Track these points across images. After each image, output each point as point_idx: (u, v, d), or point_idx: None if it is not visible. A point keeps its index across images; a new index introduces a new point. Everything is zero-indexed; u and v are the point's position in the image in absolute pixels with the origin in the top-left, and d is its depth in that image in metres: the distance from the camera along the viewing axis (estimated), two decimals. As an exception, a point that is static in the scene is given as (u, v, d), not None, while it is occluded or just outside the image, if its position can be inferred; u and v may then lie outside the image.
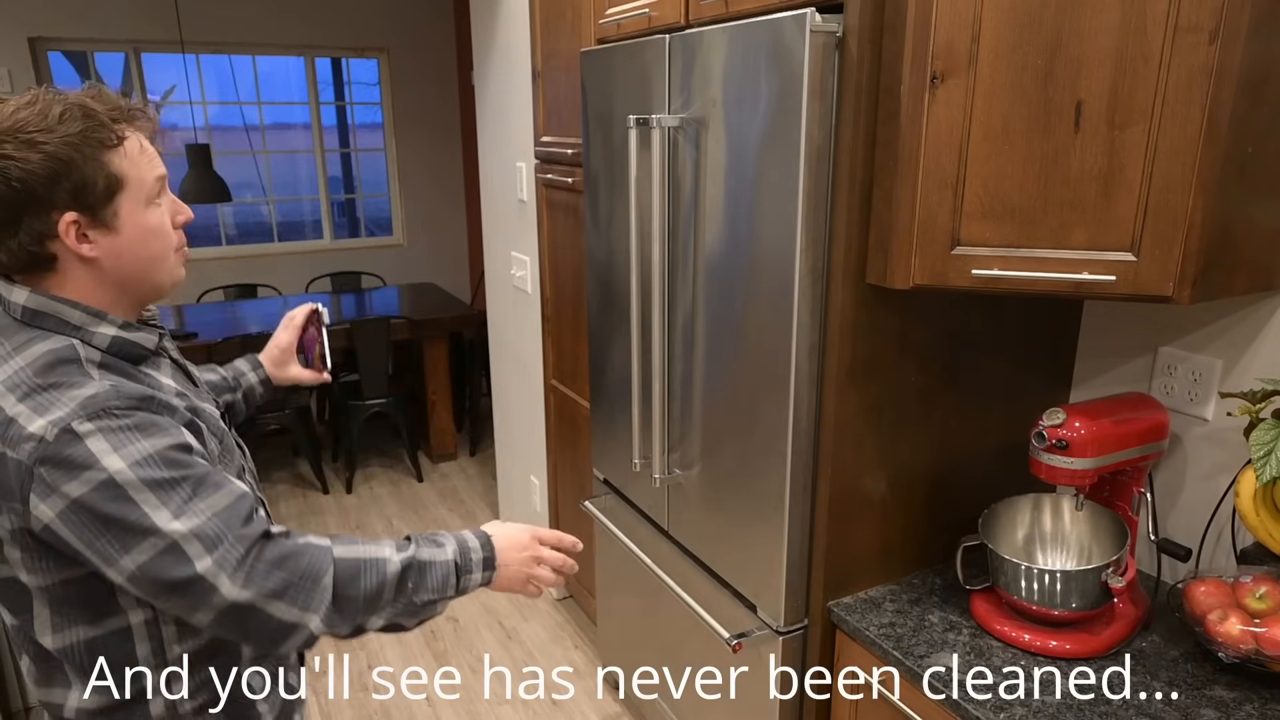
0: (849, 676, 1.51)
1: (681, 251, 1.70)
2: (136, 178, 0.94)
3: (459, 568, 1.04)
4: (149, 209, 0.96)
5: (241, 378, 1.41)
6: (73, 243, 0.92)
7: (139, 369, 0.99)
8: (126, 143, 0.93)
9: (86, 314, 0.95)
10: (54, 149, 0.88)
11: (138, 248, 0.96)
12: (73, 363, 0.91)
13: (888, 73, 1.28)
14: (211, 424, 1.05)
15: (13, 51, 4.30)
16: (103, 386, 0.89)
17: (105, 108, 0.92)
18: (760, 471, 1.55)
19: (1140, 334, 1.57)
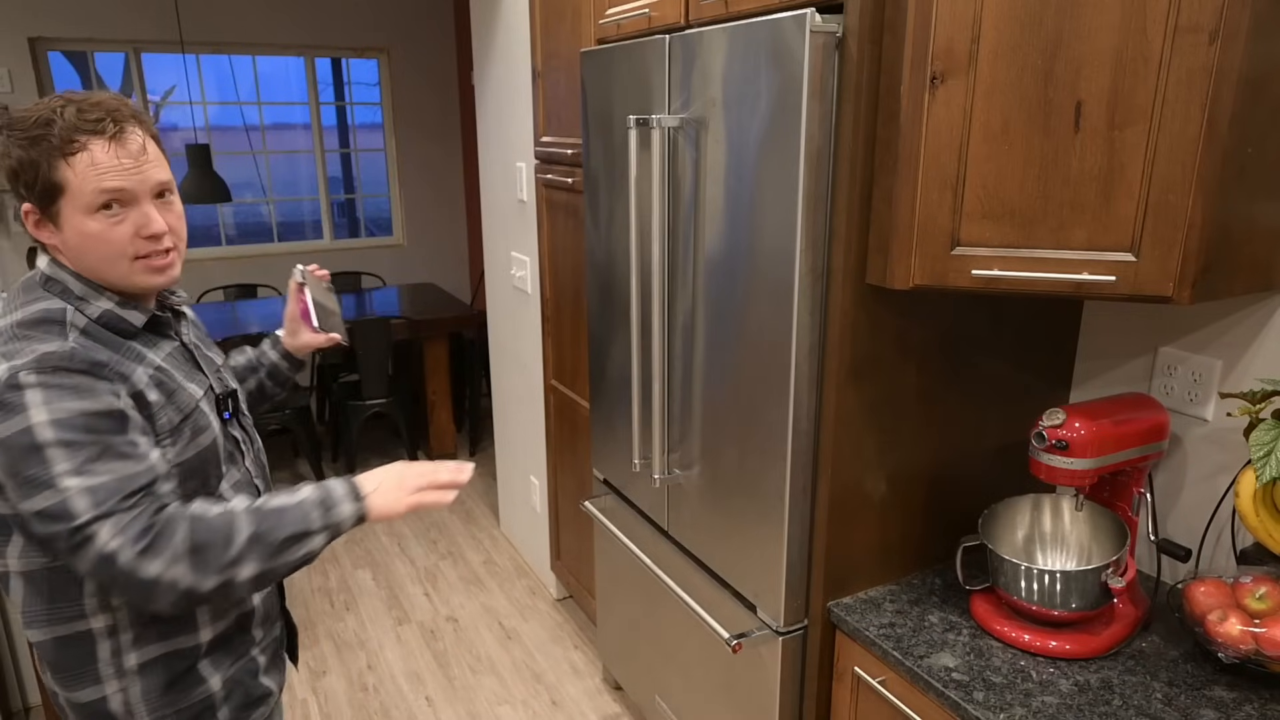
0: (849, 677, 1.51)
1: (681, 252, 1.70)
2: (77, 188, 1.01)
3: (322, 503, 1.08)
4: (88, 217, 1.03)
5: (263, 356, 1.50)
6: (31, 228, 1.06)
7: (130, 342, 1.08)
8: (80, 154, 1.01)
9: (88, 286, 1.07)
10: (21, 150, 1.01)
11: (78, 250, 1.05)
12: (56, 323, 1.02)
13: (888, 73, 1.28)
14: (183, 402, 1.11)
15: (13, 51, 4.30)
16: (64, 347, 0.99)
17: (73, 118, 1.01)
18: (760, 471, 1.55)
19: (1140, 334, 1.57)
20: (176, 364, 1.15)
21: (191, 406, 1.12)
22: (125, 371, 1.04)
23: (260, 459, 1.32)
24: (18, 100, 4.33)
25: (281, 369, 1.50)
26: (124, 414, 1.01)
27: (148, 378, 1.07)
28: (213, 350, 1.32)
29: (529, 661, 2.75)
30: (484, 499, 3.92)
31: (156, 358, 1.11)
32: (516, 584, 3.22)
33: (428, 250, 5.57)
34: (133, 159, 1.04)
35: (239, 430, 1.26)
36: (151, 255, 1.08)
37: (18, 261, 4.50)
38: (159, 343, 1.14)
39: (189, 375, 1.16)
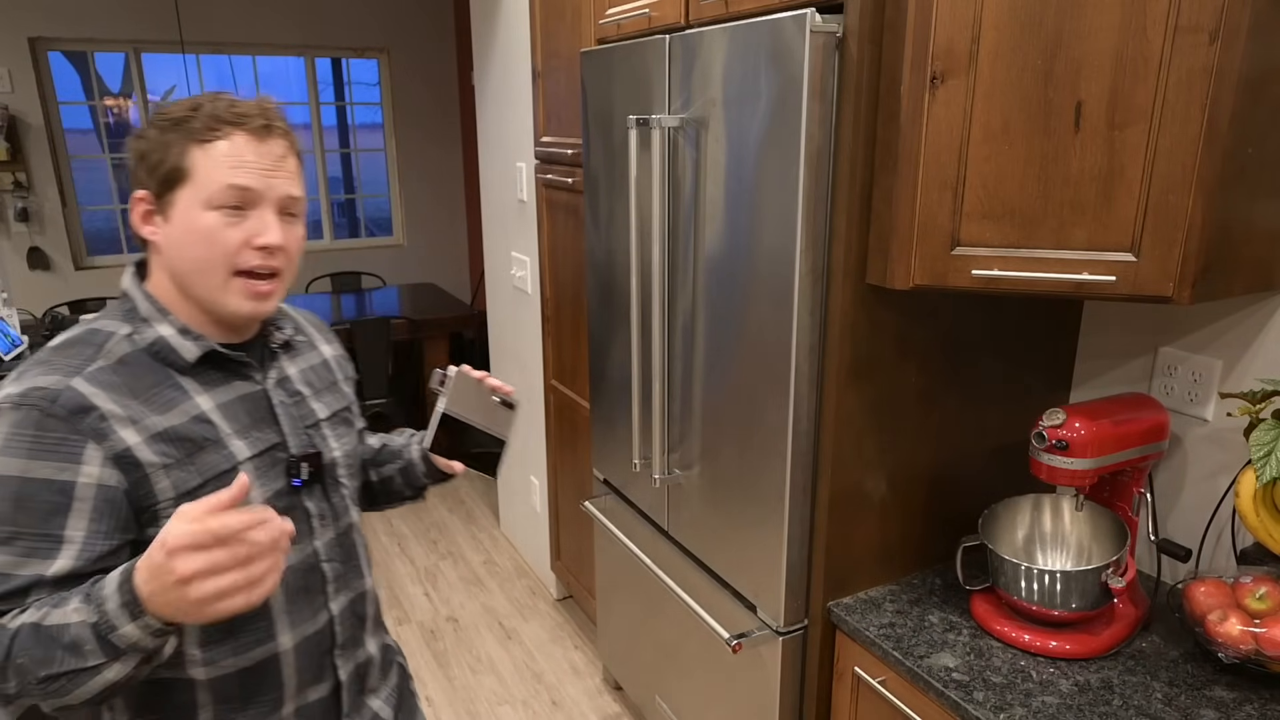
0: (849, 677, 1.51)
1: (681, 252, 1.70)
2: (204, 176, 0.92)
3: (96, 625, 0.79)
4: (205, 211, 0.92)
5: (408, 448, 1.26)
6: (137, 220, 0.96)
7: (180, 378, 0.95)
8: (219, 143, 0.92)
9: (153, 308, 0.97)
10: (157, 131, 0.94)
11: (178, 249, 0.94)
12: (91, 346, 0.93)
13: (888, 73, 1.28)
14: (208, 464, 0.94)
15: (13, 51, 4.30)
16: (58, 384, 0.88)
17: (223, 109, 0.94)
18: (760, 472, 1.55)
19: (1140, 334, 1.57)
20: (234, 414, 0.98)
21: (219, 470, 0.95)
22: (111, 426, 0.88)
23: (351, 538, 1.11)
24: (18, 100, 4.33)
25: (416, 471, 1.24)
26: (70, 489, 0.86)
27: (159, 430, 0.91)
28: (327, 397, 1.12)
29: (529, 661, 2.75)
30: (484, 499, 3.92)
31: (206, 403, 0.96)
32: (516, 584, 3.22)
33: (428, 250, 5.57)
34: (271, 162, 0.95)
35: (318, 502, 1.06)
36: (254, 275, 0.95)
37: (18, 262, 4.50)
38: (224, 384, 0.99)
39: (247, 429, 0.99)
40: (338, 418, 1.12)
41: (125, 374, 0.92)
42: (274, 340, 1.07)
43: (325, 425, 1.09)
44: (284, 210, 0.97)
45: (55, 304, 4.26)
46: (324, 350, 1.17)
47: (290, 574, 1.02)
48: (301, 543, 1.04)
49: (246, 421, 0.99)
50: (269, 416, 1.02)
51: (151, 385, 0.93)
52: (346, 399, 1.17)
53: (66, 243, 4.60)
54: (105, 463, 0.87)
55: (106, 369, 0.91)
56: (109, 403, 0.89)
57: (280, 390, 1.05)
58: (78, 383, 0.88)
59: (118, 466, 0.88)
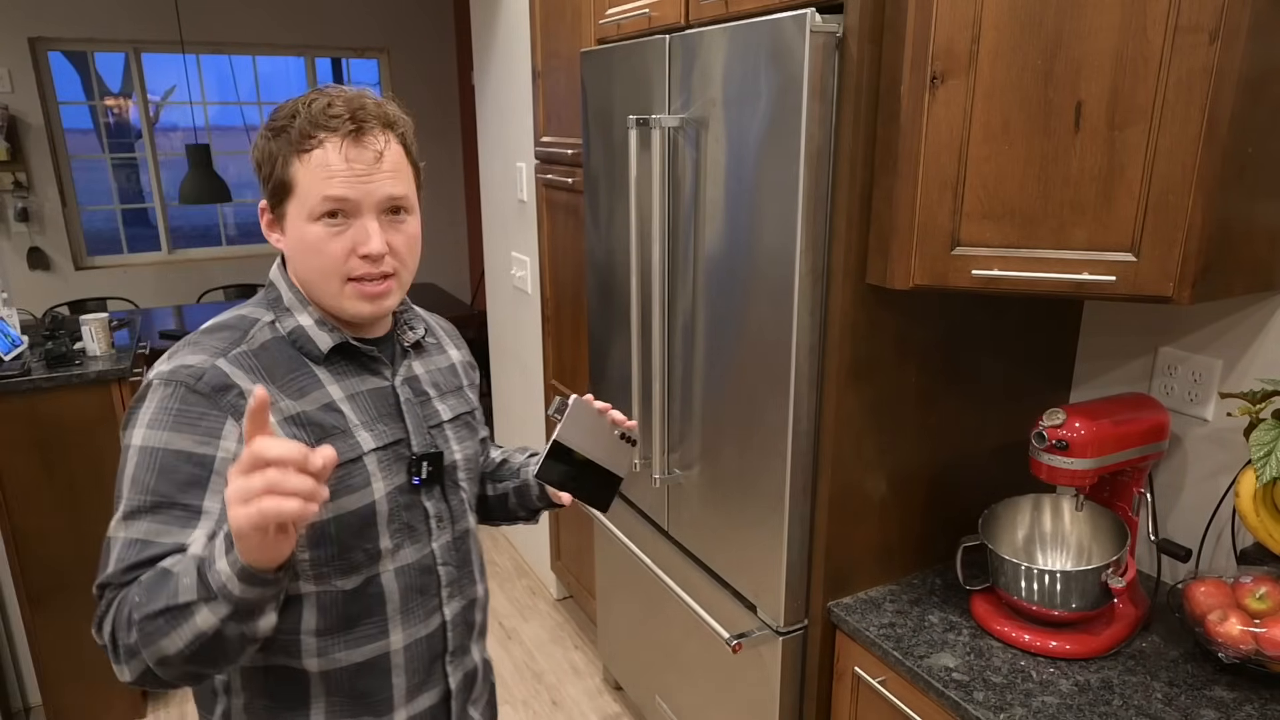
0: (849, 677, 1.51)
1: (681, 252, 1.70)
2: (305, 189, 0.93)
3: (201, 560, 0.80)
4: (310, 224, 0.93)
5: (524, 469, 1.24)
6: (265, 228, 1.00)
7: (314, 367, 0.98)
8: (314, 153, 0.92)
9: (296, 298, 1.00)
10: (265, 141, 0.95)
11: (297, 258, 0.97)
12: (238, 330, 0.97)
13: (888, 73, 1.28)
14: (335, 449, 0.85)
15: (13, 51, 4.29)
16: (205, 363, 0.92)
17: (318, 112, 0.92)
18: (760, 471, 1.55)
19: (1140, 334, 1.57)
20: (362, 405, 1.00)
21: (346, 459, 0.95)
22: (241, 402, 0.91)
23: (467, 543, 1.11)
24: (18, 100, 4.33)
25: (530, 493, 1.21)
26: (210, 463, 0.89)
27: (292, 414, 0.94)
28: (452, 400, 1.12)
29: (529, 661, 2.74)
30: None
31: (336, 392, 0.99)
32: (516, 584, 3.22)
33: (428, 250, 5.53)
34: (365, 165, 0.93)
35: (436, 503, 1.05)
36: (365, 279, 0.96)
37: (18, 262, 4.50)
38: (355, 376, 1.01)
39: (373, 422, 1.00)
40: (460, 421, 1.12)
41: (266, 358, 0.95)
42: (405, 339, 1.09)
43: (448, 427, 1.09)
44: (387, 210, 0.96)
45: (55, 304, 4.26)
46: (452, 354, 1.19)
47: (406, 573, 1.02)
48: (419, 543, 1.03)
49: (373, 414, 1.01)
50: (395, 412, 1.03)
51: (288, 371, 0.96)
52: (470, 404, 1.16)
53: (66, 243, 4.60)
54: (242, 439, 0.88)
55: (249, 353, 0.95)
56: (249, 382, 0.93)
57: (407, 388, 1.06)
58: (222, 363, 0.92)
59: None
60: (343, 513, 0.96)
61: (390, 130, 0.96)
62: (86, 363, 2.60)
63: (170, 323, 4.00)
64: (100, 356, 2.70)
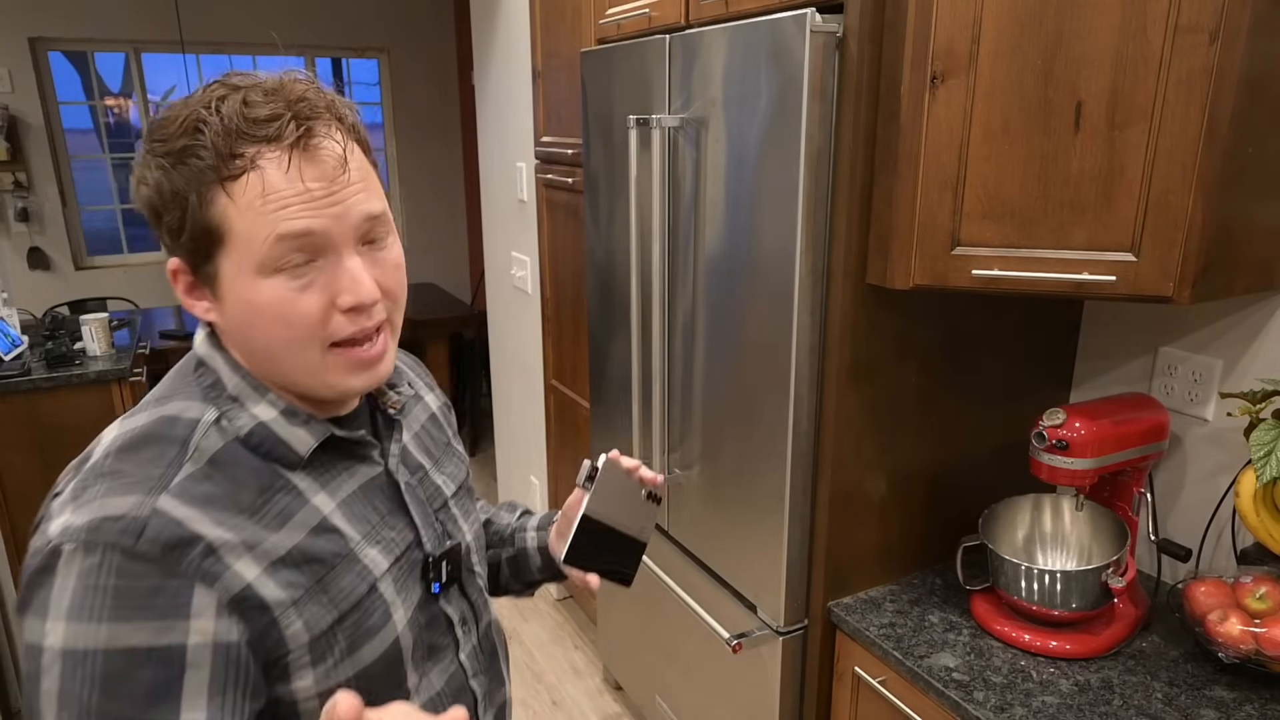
0: (849, 677, 1.51)
1: (681, 252, 1.70)
2: (245, 233, 0.65)
3: None
4: (261, 280, 0.66)
5: (521, 532, 1.05)
6: (183, 295, 0.71)
7: (289, 476, 0.72)
8: (247, 178, 0.64)
9: (245, 383, 0.72)
10: (160, 173, 0.66)
11: (246, 333, 0.69)
12: (173, 445, 0.68)
13: (888, 73, 1.28)
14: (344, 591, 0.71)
15: (13, 51, 4.29)
16: (140, 509, 0.63)
17: (235, 118, 0.64)
18: (760, 472, 1.55)
19: (1140, 334, 1.57)
20: (360, 512, 0.75)
21: (358, 595, 0.72)
22: (222, 559, 0.64)
23: (492, 638, 0.92)
24: (18, 100, 4.33)
25: (529, 564, 1.03)
26: (180, 656, 0.62)
27: (281, 554, 0.68)
28: (448, 467, 0.89)
29: (529, 662, 2.75)
30: (484, 499, 3.92)
31: (326, 504, 0.73)
32: (517, 584, 3.22)
33: (428, 250, 5.57)
34: (326, 181, 0.66)
35: (457, 604, 0.85)
36: (354, 342, 0.70)
37: (18, 262, 4.50)
38: (343, 473, 0.76)
39: (377, 530, 0.76)
40: (462, 490, 0.91)
41: (224, 480, 0.68)
42: (390, 404, 0.83)
43: (453, 503, 0.87)
44: (365, 238, 0.70)
45: (55, 304, 4.26)
46: (429, 400, 0.94)
47: (436, 704, 0.81)
48: (446, 660, 0.83)
49: (375, 520, 0.77)
50: (398, 506, 0.80)
51: (258, 491, 0.69)
52: (464, 462, 0.94)
53: (66, 243, 4.60)
54: (221, 611, 0.64)
55: (198, 476, 0.67)
56: (213, 527, 0.65)
57: (404, 469, 0.82)
58: (165, 502, 0.64)
59: (237, 613, 0.65)
60: (363, 666, 0.72)
61: (339, 123, 0.69)
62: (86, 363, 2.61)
63: (170, 323, 4.00)
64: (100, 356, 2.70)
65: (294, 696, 0.69)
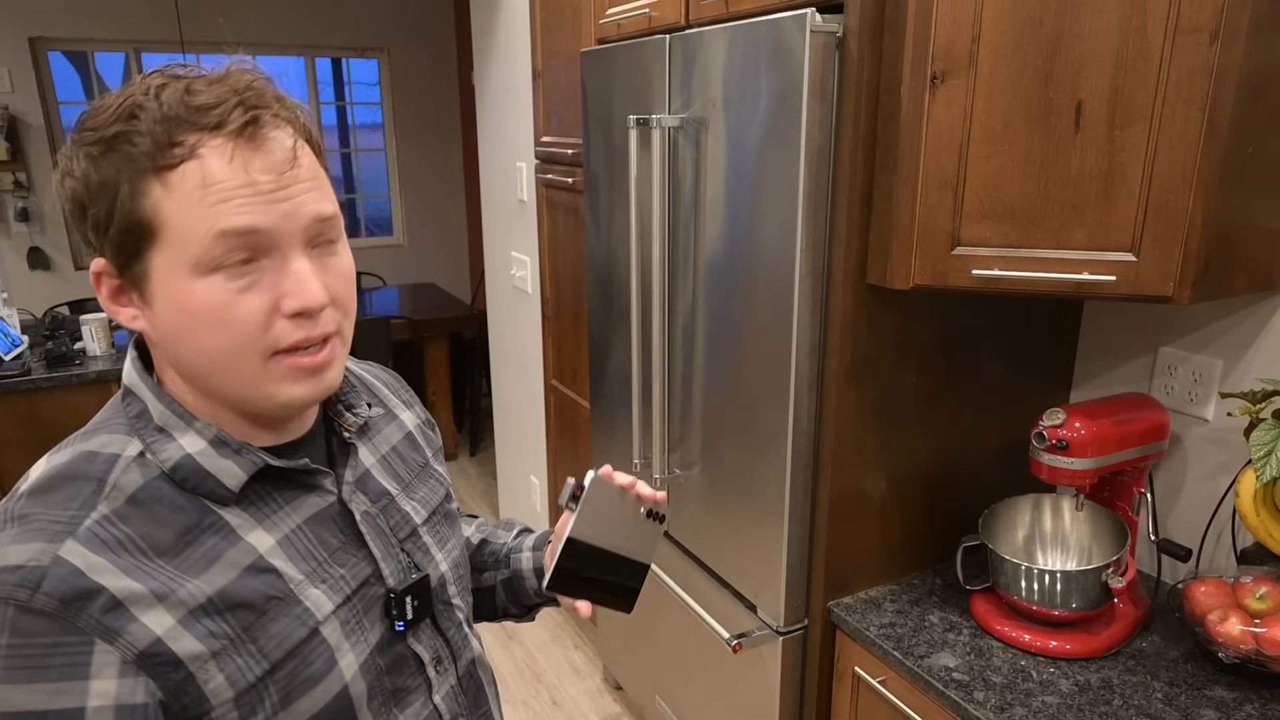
0: (849, 677, 1.51)
1: (681, 252, 1.70)
2: (179, 227, 0.60)
3: None
4: (197, 280, 0.61)
5: (515, 552, 0.98)
6: (106, 302, 0.65)
7: (220, 513, 0.66)
8: (185, 168, 0.60)
9: (171, 412, 0.66)
10: (88, 163, 0.61)
11: (181, 334, 0.63)
12: (87, 484, 0.62)
13: (888, 73, 1.28)
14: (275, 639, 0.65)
15: (13, 51, 4.30)
16: (39, 559, 0.57)
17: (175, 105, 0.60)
18: (760, 471, 1.55)
19: (1140, 334, 1.57)
20: (303, 548, 0.69)
21: (294, 642, 0.66)
22: (127, 613, 0.59)
23: (477, 676, 0.85)
24: (18, 100, 4.33)
25: (524, 587, 0.96)
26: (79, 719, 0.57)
27: (202, 601, 0.62)
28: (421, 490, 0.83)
29: (529, 661, 2.75)
30: (484, 499, 3.92)
31: (262, 540, 0.67)
32: (517, 584, 3.22)
33: (428, 250, 5.57)
34: (274, 174, 0.62)
35: (429, 641, 0.78)
36: (299, 348, 0.64)
37: (18, 262, 4.50)
38: (284, 506, 0.69)
39: (323, 566, 0.70)
40: (438, 515, 0.83)
41: (141, 520, 0.62)
42: (346, 426, 0.77)
43: (424, 531, 0.80)
44: (315, 241, 0.65)
45: (55, 304, 4.26)
46: (405, 419, 0.87)
47: None
48: (417, 704, 0.76)
49: (322, 556, 0.70)
50: (353, 539, 0.73)
51: (182, 531, 0.63)
52: (444, 484, 0.87)
53: (66, 243, 4.60)
54: (125, 670, 0.58)
55: (112, 518, 0.61)
56: (120, 576, 0.59)
57: (360, 497, 0.75)
58: (70, 550, 0.58)
59: (145, 671, 0.59)
60: (304, 719, 0.66)
61: (288, 118, 0.66)
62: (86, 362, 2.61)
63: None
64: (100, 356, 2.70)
65: None
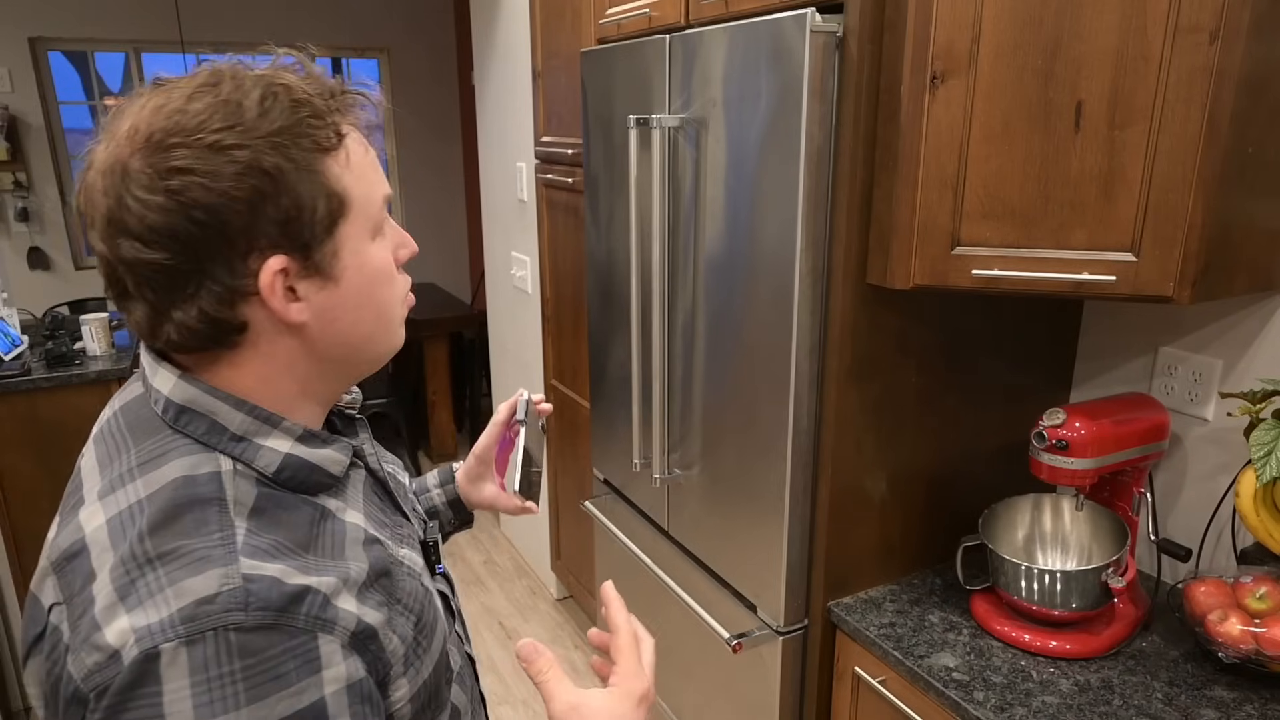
0: (849, 676, 1.51)
1: (681, 252, 1.70)
2: (363, 197, 0.65)
3: None
4: (375, 243, 0.67)
5: (424, 494, 1.06)
6: (279, 303, 0.63)
7: (322, 503, 0.67)
8: (347, 142, 0.65)
9: (254, 418, 0.65)
10: (254, 155, 0.59)
11: (362, 304, 0.67)
12: (210, 506, 0.60)
13: (888, 73, 1.28)
14: (409, 593, 0.70)
15: (13, 51, 4.29)
16: (230, 578, 0.57)
17: (318, 95, 0.64)
18: (760, 471, 1.55)
19: (1140, 334, 1.57)
20: (377, 517, 0.73)
21: (420, 594, 0.71)
22: (327, 601, 0.60)
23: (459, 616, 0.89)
24: (18, 100, 4.33)
25: (442, 519, 1.05)
26: (321, 710, 0.58)
27: (361, 578, 0.64)
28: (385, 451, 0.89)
29: (529, 661, 2.74)
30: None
31: (356, 516, 0.69)
32: (517, 584, 3.22)
33: (428, 250, 5.57)
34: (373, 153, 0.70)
35: (442, 581, 0.84)
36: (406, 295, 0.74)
37: (18, 262, 4.50)
38: (350, 482, 0.72)
39: (397, 529, 0.75)
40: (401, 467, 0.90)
41: (275, 525, 0.63)
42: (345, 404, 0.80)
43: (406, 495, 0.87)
44: None
45: (55, 304, 4.25)
46: None
47: (463, 680, 0.80)
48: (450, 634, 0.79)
49: (386, 520, 0.74)
50: (391, 503, 0.78)
51: (305, 525, 0.65)
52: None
53: (66, 243, 4.60)
54: (346, 653, 0.60)
55: (255, 530, 0.61)
56: (304, 574, 0.60)
57: (382, 465, 0.81)
58: (249, 565, 0.58)
59: (356, 650, 0.61)
60: (435, 658, 0.72)
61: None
62: (87, 362, 2.61)
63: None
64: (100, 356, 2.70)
65: (390, 710, 0.67)
